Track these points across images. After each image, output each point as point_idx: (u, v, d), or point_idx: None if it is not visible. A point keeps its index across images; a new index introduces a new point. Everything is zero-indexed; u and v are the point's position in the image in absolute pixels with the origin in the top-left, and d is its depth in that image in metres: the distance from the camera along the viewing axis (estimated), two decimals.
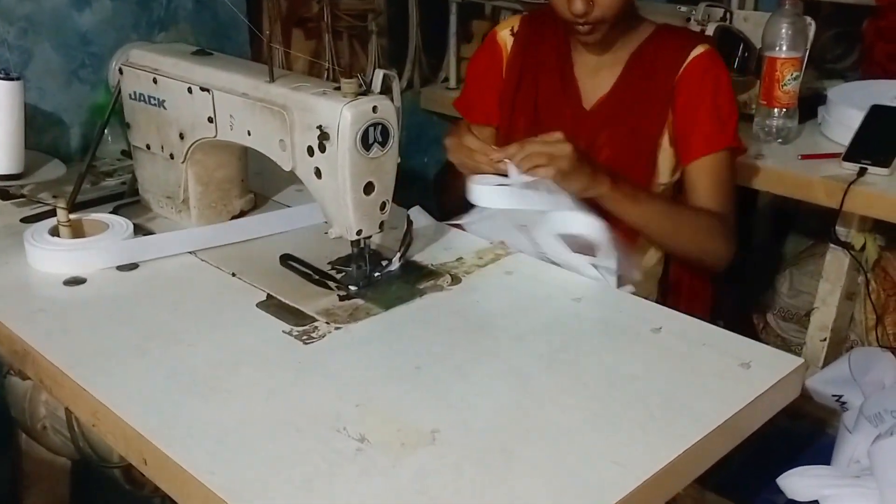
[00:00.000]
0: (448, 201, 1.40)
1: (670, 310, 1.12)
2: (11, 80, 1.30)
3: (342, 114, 1.05)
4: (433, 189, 1.54)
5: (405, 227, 1.25)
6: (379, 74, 1.09)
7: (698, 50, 1.39)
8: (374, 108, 1.07)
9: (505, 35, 1.53)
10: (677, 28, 1.51)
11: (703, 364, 0.99)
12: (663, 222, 1.36)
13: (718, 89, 1.40)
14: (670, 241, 1.41)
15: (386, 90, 1.10)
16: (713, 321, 1.11)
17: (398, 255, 1.20)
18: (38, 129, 1.43)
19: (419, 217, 1.32)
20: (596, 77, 1.45)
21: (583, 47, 1.44)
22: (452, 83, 2.39)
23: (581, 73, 1.46)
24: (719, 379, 0.96)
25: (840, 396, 1.58)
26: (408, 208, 1.27)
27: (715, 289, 1.54)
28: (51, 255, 1.20)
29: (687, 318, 1.10)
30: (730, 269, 1.45)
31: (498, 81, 1.54)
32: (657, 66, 1.41)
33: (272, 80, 1.15)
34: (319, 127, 1.07)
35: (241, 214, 1.38)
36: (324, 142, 1.07)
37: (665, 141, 1.42)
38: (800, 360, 1.00)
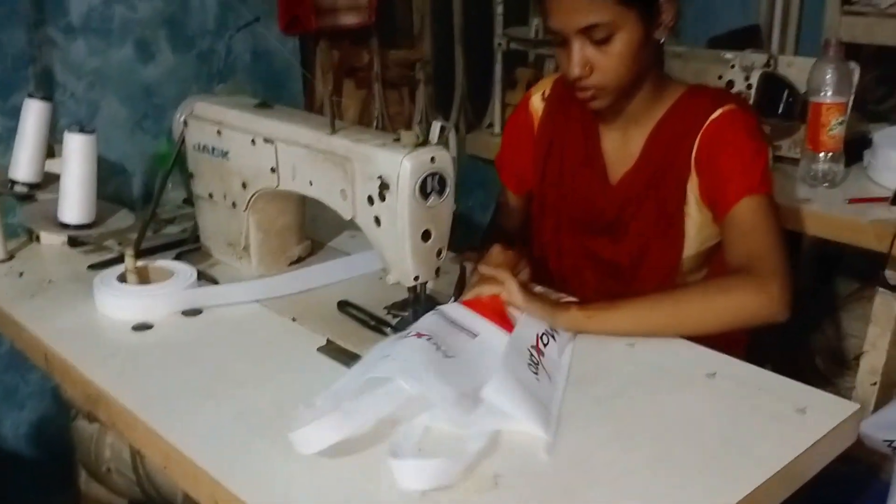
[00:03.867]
0: None
1: (724, 355, 1.13)
2: (87, 133, 1.35)
3: (402, 164, 1.08)
4: (479, 244, 1.54)
5: (459, 272, 1.28)
6: (436, 126, 1.13)
7: (718, 112, 1.32)
8: (433, 159, 1.10)
9: (536, 100, 1.51)
10: (704, 90, 1.41)
11: (760, 409, 1.00)
12: (663, 309, 1.19)
13: (738, 142, 1.30)
14: (685, 324, 1.19)
15: (441, 140, 1.14)
16: (760, 365, 1.11)
17: (452, 299, 1.22)
18: (102, 179, 1.49)
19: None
20: (622, 149, 1.41)
21: (600, 117, 1.39)
22: (497, 129, 2.43)
23: (607, 146, 1.43)
24: (776, 424, 0.97)
25: (891, 441, 1.56)
26: (454, 252, 1.30)
27: (751, 332, 1.50)
28: (121, 302, 1.24)
29: (741, 364, 1.11)
30: None
31: (529, 147, 1.52)
32: (678, 134, 1.35)
33: (333, 131, 1.19)
34: (380, 177, 1.11)
35: (299, 260, 1.42)
36: (384, 191, 1.11)
37: (692, 208, 1.35)
38: (856, 406, 1.01)
